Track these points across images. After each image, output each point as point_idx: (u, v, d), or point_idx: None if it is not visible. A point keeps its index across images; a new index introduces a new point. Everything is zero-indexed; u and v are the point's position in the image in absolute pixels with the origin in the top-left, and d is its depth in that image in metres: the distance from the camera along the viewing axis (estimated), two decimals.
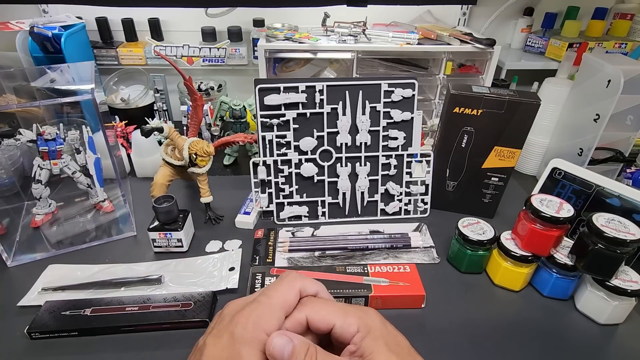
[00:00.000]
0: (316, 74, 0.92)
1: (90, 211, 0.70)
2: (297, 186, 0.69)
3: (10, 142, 0.59)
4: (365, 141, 0.67)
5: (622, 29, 0.99)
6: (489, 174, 0.68)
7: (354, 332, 0.32)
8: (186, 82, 0.65)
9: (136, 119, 0.87)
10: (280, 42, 0.83)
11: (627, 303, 0.50)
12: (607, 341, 0.51)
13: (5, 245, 0.59)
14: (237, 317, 0.31)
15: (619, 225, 0.48)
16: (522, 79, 0.98)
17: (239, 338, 0.30)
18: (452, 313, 0.53)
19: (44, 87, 0.65)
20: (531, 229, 0.53)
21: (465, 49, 0.83)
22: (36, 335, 0.48)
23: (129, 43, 1.01)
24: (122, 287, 0.55)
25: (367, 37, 0.84)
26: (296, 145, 0.66)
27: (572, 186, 0.60)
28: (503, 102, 0.62)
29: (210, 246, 0.64)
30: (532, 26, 1.05)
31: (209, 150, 0.66)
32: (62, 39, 0.82)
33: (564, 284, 0.54)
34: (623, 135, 0.73)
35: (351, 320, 0.33)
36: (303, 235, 0.67)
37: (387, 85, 0.65)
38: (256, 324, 0.31)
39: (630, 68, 0.65)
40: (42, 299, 0.52)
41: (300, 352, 0.32)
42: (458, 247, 0.59)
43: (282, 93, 0.64)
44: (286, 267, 0.57)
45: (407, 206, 0.72)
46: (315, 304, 0.35)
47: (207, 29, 0.98)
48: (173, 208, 0.60)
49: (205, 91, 0.99)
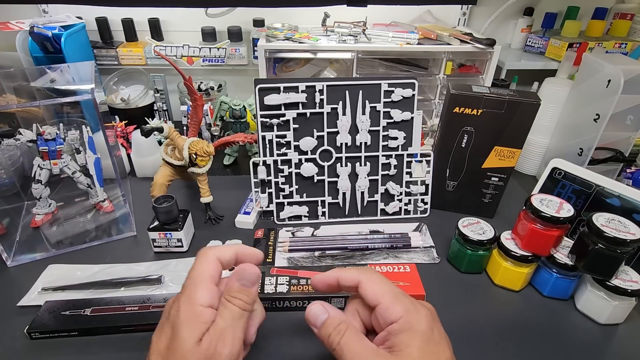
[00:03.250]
0: (316, 74, 0.92)
1: (90, 211, 0.70)
2: (297, 186, 0.69)
3: (10, 142, 0.59)
4: (365, 141, 0.67)
5: (622, 29, 0.99)
6: (489, 174, 0.68)
7: (394, 320, 0.33)
8: (186, 82, 0.65)
9: (136, 119, 0.87)
10: (280, 42, 0.83)
11: (627, 303, 0.50)
12: (607, 341, 0.51)
13: (5, 245, 0.59)
14: (171, 308, 0.34)
15: (619, 225, 0.48)
16: (522, 79, 0.98)
17: (177, 322, 0.32)
18: (452, 313, 0.53)
19: (44, 87, 0.65)
20: (531, 229, 0.53)
21: (465, 49, 0.83)
22: (36, 335, 0.48)
23: (129, 43, 1.01)
24: (122, 287, 0.55)
25: (367, 37, 0.84)
26: (296, 145, 0.66)
27: (572, 186, 0.60)
28: (503, 102, 0.62)
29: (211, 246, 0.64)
30: (532, 26, 1.05)
31: (209, 150, 0.66)
32: (62, 39, 0.82)
33: (564, 284, 0.54)
34: (623, 135, 0.73)
35: (397, 308, 0.33)
36: (303, 235, 0.67)
37: (387, 85, 0.65)
38: (187, 302, 0.33)
39: (630, 68, 0.65)
40: (42, 299, 0.52)
41: (331, 324, 0.34)
42: (458, 247, 0.59)
43: (282, 93, 0.64)
44: (286, 267, 0.56)
45: (407, 206, 0.72)
46: (373, 276, 0.36)
47: (207, 29, 0.98)
48: (173, 208, 0.60)
49: (205, 91, 0.99)
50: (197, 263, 0.36)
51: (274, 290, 0.52)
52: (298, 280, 0.53)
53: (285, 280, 0.53)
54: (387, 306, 0.33)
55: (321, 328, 0.35)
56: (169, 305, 0.35)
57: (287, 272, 0.55)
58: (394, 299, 0.34)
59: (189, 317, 0.32)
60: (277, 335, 0.49)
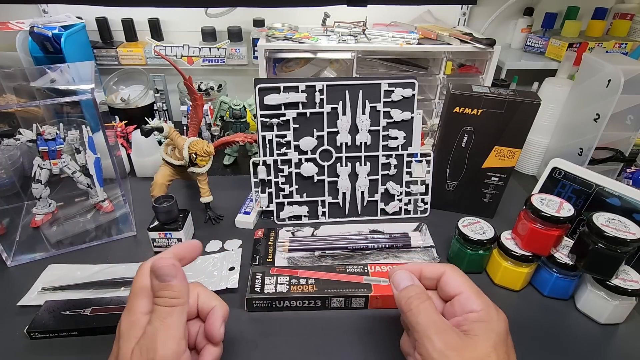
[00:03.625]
0: (316, 74, 0.92)
1: (90, 211, 0.70)
2: (297, 186, 0.69)
3: (10, 142, 0.59)
4: (365, 141, 0.67)
5: (622, 29, 0.99)
6: (489, 174, 0.68)
7: (475, 310, 0.34)
8: (186, 82, 0.65)
9: (136, 119, 0.87)
10: (280, 42, 0.83)
11: (627, 303, 0.50)
12: (608, 341, 0.51)
13: (5, 245, 0.59)
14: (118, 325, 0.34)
15: (619, 225, 0.48)
16: (522, 79, 0.98)
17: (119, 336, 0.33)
18: None
19: (44, 87, 0.65)
20: (531, 229, 0.53)
21: (465, 49, 0.83)
22: (36, 335, 0.48)
23: (129, 43, 1.01)
24: (122, 287, 0.55)
25: (367, 37, 0.84)
26: (296, 145, 0.66)
27: (572, 186, 0.60)
28: (503, 102, 0.62)
29: (210, 246, 0.64)
30: (532, 26, 1.05)
31: (209, 150, 0.66)
32: (62, 39, 0.82)
33: (564, 284, 0.54)
34: (623, 135, 0.73)
35: (479, 300, 0.35)
36: (303, 235, 0.67)
37: (387, 85, 0.65)
38: (126, 314, 0.33)
39: (630, 68, 0.65)
40: (42, 299, 0.52)
41: (413, 290, 0.35)
42: (458, 246, 0.59)
43: (282, 93, 0.64)
44: (286, 267, 0.56)
45: (407, 206, 0.72)
46: (458, 270, 0.38)
47: (207, 29, 0.98)
48: (173, 208, 0.60)
49: (205, 91, 0.99)
50: (135, 277, 0.35)
51: (274, 290, 0.52)
52: (298, 280, 0.53)
53: (285, 280, 0.53)
54: (470, 296, 0.35)
55: (402, 290, 0.36)
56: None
57: (287, 272, 0.55)
58: (477, 292, 0.36)
59: (127, 329, 0.32)
60: (277, 335, 0.49)
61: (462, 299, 0.35)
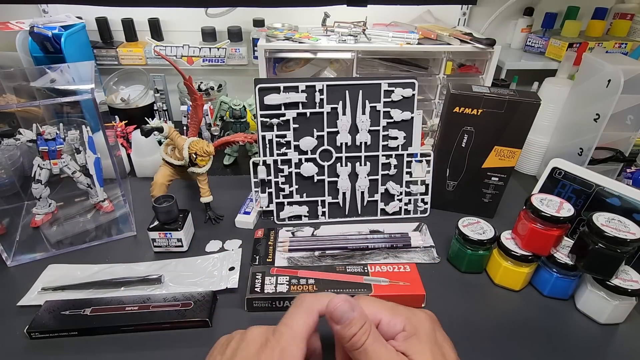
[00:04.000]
0: (316, 74, 0.92)
1: (90, 211, 0.70)
2: (297, 186, 0.69)
3: (10, 142, 0.59)
4: (365, 141, 0.67)
5: (622, 29, 0.99)
6: (489, 174, 0.68)
7: (399, 330, 0.34)
8: (186, 82, 0.65)
9: (136, 119, 0.87)
10: (280, 42, 0.83)
11: (627, 302, 0.50)
12: (608, 341, 0.51)
13: (5, 245, 0.59)
14: (262, 354, 0.31)
15: (619, 225, 0.48)
16: (522, 79, 0.98)
17: None
18: (452, 313, 0.53)
19: (44, 87, 0.65)
20: (531, 229, 0.53)
21: (465, 48, 0.83)
22: (36, 335, 0.48)
23: (129, 43, 1.01)
24: (122, 287, 0.55)
25: (367, 37, 0.84)
26: (296, 145, 0.66)
27: (572, 186, 0.60)
28: (503, 102, 0.62)
29: (210, 246, 0.64)
30: (532, 26, 1.05)
31: (208, 150, 0.66)
32: (62, 39, 0.82)
33: (564, 284, 0.54)
34: (623, 135, 0.73)
35: (398, 319, 0.34)
36: (303, 235, 0.67)
37: (387, 85, 0.65)
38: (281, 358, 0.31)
39: (630, 68, 0.65)
40: (42, 299, 0.52)
41: (358, 323, 0.33)
42: (458, 246, 0.59)
43: (282, 93, 0.64)
44: (286, 267, 0.56)
45: (407, 206, 0.72)
46: (366, 300, 0.36)
47: (207, 29, 0.98)
48: (173, 208, 0.60)
49: (205, 91, 0.99)
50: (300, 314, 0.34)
51: (274, 290, 0.52)
52: (298, 280, 0.53)
53: (285, 280, 0.53)
54: (389, 319, 0.34)
55: (346, 326, 0.33)
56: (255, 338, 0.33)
57: (287, 272, 0.55)
58: (393, 312, 0.35)
59: None
60: None
61: (384, 324, 0.34)
